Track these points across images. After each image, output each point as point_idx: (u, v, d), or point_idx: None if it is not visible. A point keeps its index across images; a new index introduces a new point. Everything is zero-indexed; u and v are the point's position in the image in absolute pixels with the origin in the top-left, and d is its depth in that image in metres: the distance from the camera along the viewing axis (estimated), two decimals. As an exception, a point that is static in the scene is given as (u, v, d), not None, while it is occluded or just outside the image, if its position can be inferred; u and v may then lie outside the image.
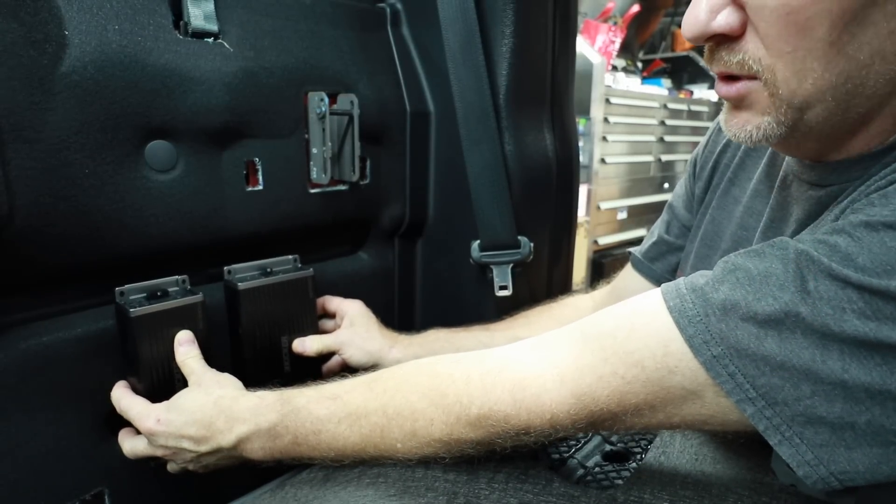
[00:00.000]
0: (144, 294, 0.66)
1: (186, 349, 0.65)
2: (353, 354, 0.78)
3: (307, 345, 0.77)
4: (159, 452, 0.61)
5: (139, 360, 0.64)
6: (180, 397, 0.60)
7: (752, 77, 0.44)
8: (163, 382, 0.65)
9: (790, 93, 0.42)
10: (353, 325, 0.80)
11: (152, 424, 0.59)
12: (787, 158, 0.55)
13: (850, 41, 0.39)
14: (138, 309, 0.62)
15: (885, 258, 0.37)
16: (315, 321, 0.80)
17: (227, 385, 0.61)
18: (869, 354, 0.37)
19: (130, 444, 0.63)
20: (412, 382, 0.53)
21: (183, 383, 0.64)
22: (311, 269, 0.77)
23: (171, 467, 0.63)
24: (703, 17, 0.43)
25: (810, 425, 0.38)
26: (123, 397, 0.63)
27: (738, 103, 0.46)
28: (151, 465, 0.67)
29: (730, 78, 0.45)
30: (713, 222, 0.66)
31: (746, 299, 0.40)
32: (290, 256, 0.78)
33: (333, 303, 0.83)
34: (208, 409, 0.58)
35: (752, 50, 0.43)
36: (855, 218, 0.39)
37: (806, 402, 0.38)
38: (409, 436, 0.51)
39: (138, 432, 0.63)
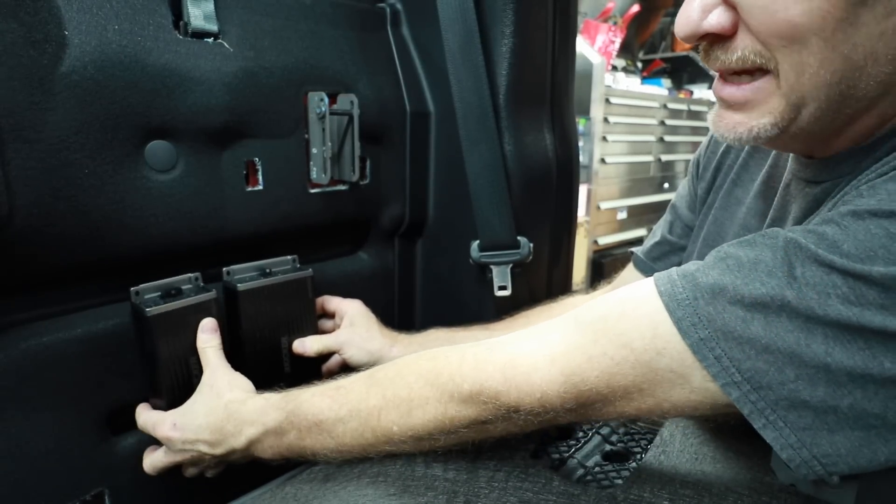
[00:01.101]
0: (159, 293, 0.66)
1: (208, 337, 0.67)
2: (354, 354, 0.78)
3: (307, 345, 0.77)
4: (179, 458, 0.62)
5: (157, 359, 0.64)
6: (193, 402, 0.62)
7: (757, 71, 0.44)
8: (181, 379, 0.66)
9: (789, 88, 0.43)
10: (352, 325, 0.80)
11: (168, 430, 0.61)
12: (789, 160, 0.56)
13: (844, 41, 0.40)
14: (154, 308, 0.63)
15: (869, 244, 0.37)
16: (315, 321, 0.80)
17: (236, 388, 0.62)
18: (852, 339, 0.37)
19: (150, 460, 0.65)
20: (411, 368, 0.54)
21: (200, 378, 0.65)
22: (310, 270, 0.77)
23: (189, 472, 0.65)
24: (694, 16, 0.44)
25: (794, 409, 0.39)
26: (140, 414, 0.65)
27: (742, 105, 0.46)
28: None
29: (731, 80, 0.46)
30: (716, 222, 0.66)
31: (735, 283, 0.40)
32: (289, 257, 0.78)
33: (333, 302, 0.83)
34: (219, 413, 0.60)
35: (749, 45, 0.43)
36: (844, 209, 0.40)
37: (790, 387, 0.39)
38: (404, 416, 0.52)
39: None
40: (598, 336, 0.45)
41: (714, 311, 0.41)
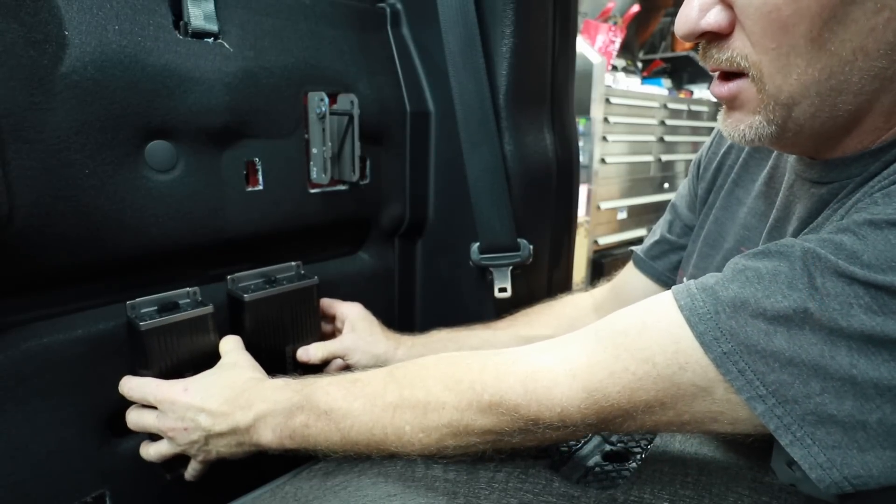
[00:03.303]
0: (155, 307, 0.66)
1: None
2: (360, 359, 0.78)
3: (311, 353, 0.77)
4: (167, 424, 0.60)
5: (150, 374, 0.64)
6: (211, 374, 0.62)
7: (741, 74, 0.45)
8: None
9: (776, 89, 0.43)
10: (354, 330, 0.79)
11: (178, 392, 0.60)
12: (790, 160, 0.56)
13: (832, 38, 0.40)
14: (149, 322, 0.63)
15: (890, 255, 0.37)
16: (318, 328, 0.80)
17: (258, 370, 0.64)
18: (877, 350, 0.37)
19: (137, 415, 0.63)
20: (431, 370, 0.54)
21: None
22: (316, 278, 0.77)
23: (158, 451, 0.63)
24: (693, 15, 0.45)
25: (821, 425, 0.38)
26: (134, 382, 0.63)
27: (731, 103, 0.47)
28: (168, 477, 0.68)
29: (723, 78, 0.47)
30: (716, 222, 0.67)
31: (756, 296, 0.40)
32: (293, 263, 0.78)
33: (333, 306, 0.83)
34: (238, 386, 0.60)
35: (739, 47, 0.44)
36: (859, 217, 0.40)
37: (816, 400, 0.38)
38: (419, 418, 0.51)
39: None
40: (619, 351, 0.45)
41: (736, 324, 0.40)
